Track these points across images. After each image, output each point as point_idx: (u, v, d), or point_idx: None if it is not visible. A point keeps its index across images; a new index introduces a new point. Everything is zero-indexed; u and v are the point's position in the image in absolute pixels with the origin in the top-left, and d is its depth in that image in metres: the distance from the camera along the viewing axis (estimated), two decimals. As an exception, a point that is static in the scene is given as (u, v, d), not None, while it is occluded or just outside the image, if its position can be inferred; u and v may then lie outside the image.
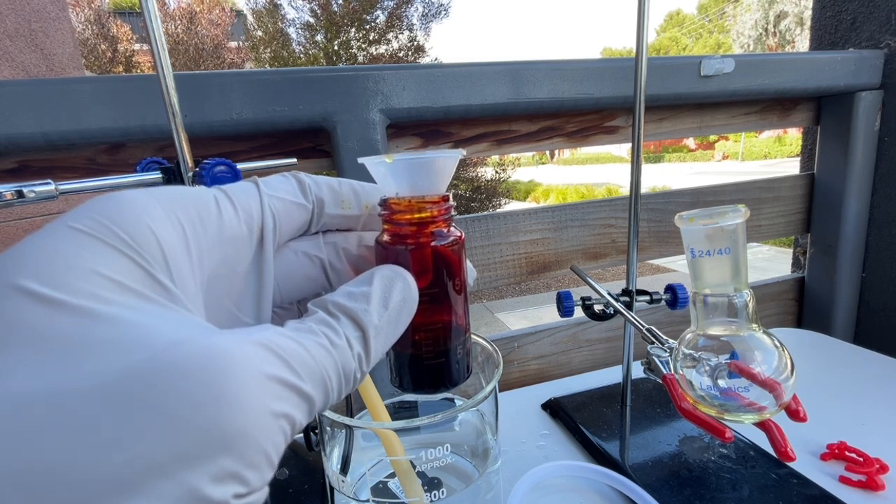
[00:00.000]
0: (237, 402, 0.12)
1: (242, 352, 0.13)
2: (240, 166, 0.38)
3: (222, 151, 0.56)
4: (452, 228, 0.20)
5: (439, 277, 0.19)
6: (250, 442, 0.12)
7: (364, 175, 0.21)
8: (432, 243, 0.19)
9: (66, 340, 0.11)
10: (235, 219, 0.17)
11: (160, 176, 0.37)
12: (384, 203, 0.20)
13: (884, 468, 0.43)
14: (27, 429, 0.10)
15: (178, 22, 5.65)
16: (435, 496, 0.29)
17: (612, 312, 0.48)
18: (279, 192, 0.19)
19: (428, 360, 0.20)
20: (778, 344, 0.31)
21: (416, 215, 0.19)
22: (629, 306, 0.49)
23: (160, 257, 0.14)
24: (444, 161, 0.19)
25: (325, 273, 0.20)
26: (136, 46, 5.57)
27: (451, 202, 0.20)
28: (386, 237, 0.20)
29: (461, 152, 0.19)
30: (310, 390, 0.14)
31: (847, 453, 0.45)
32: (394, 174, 0.19)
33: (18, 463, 0.10)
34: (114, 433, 0.10)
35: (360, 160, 0.19)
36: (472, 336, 0.29)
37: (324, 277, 0.20)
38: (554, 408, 0.56)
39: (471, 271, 0.21)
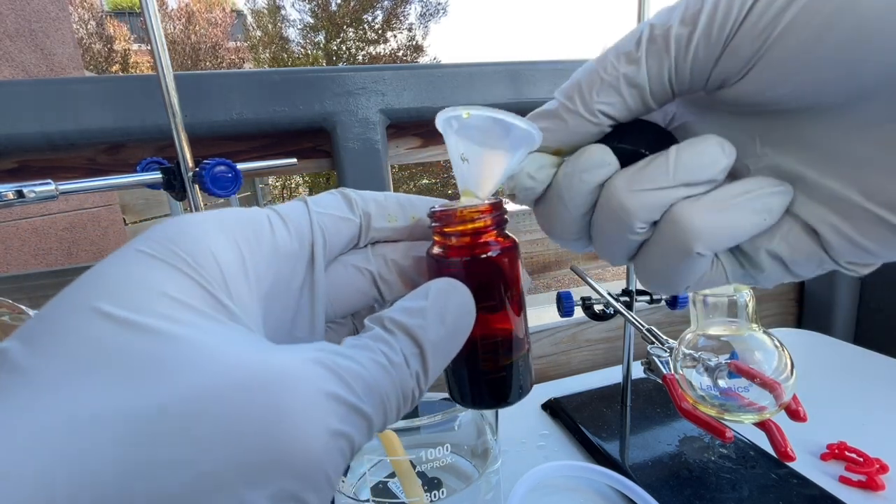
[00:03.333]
0: (298, 422, 0.12)
1: (303, 370, 0.13)
2: (240, 166, 0.38)
3: (222, 151, 0.56)
4: (505, 236, 0.19)
5: (495, 288, 0.19)
6: (311, 462, 0.12)
7: (363, 175, 0.21)
8: (486, 254, 0.18)
9: (138, 360, 0.12)
10: (288, 236, 0.17)
11: (160, 176, 0.37)
12: (433, 214, 0.19)
13: (884, 468, 0.43)
14: (103, 444, 0.10)
15: (177, 22, 5.65)
16: (435, 496, 0.29)
17: (612, 312, 0.48)
18: (327, 208, 0.19)
19: (489, 375, 0.20)
20: (778, 344, 0.31)
21: (468, 226, 0.18)
22: (629, 306, 0.49)
23: (220, 277, 0.14)
24: (521, 131, 0.18)
25: (376, 285, 0.20)
26: (135, 46, 5.56)
27: (504, 208, 0.19)
28: (437, 249, 0.19)
29: (537, 136, 0.18)
30: (369, 410, 0.14)
31: (847, 453, 0.45)
32: (466, 131, 0.18)
33: (94, 476, 0.10)
34: (183, 451, 0.11)
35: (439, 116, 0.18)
36: None
37: (375, 290, 0.20)
38: (554, 408, 0.56)
39: (525, 279, 0.21)
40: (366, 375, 0.14)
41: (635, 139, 0.18)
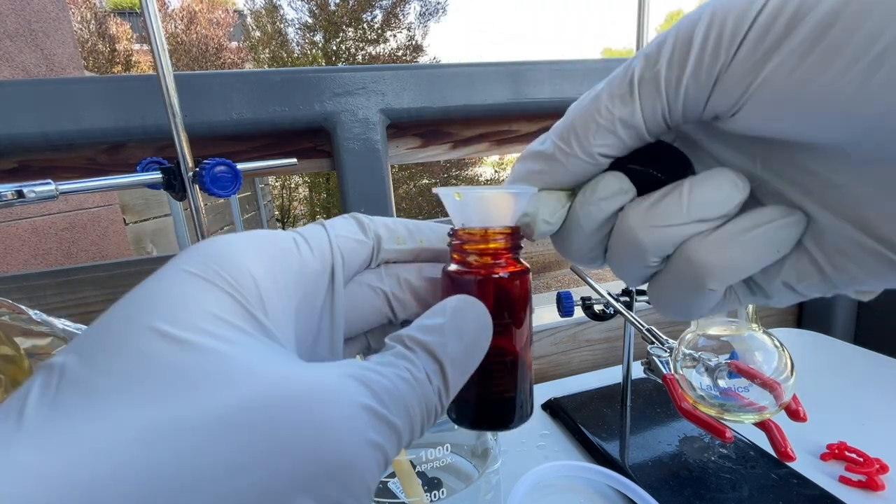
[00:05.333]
0: (340, 433, 0.13)
1: (339, 385, 0.13)
2: (240, 166, 0.38)
3: (222, 151, 0.56)
4: (520, 260, 0.20)
5: (508, 309, 0.19)
6: (352, 471, 0.13)
7: (363, 175, 0.21)
8: (503, 274, 0.19)
9: (192, 374, 0.12)
10: (312, 257, 0.18)
11: (160, 176, 0.37)
12: (453, 233, 0.20)
13: (884, 468, 0.43)
14: (158, 454, 0.11)
15: (179, 22, 5.65)
16: (435, 496, 0.29)
17: (612, 312, 0.48)
18: (343, 231, 0.20)
19: (494, 396, 0.20)
20: (778, 344, 0.31)
21: (487, 245, 0.19)
22: (629, 306, 0.49)
23: (257, 296, 0.15)
24: (511, 197, 0.19)
25: (389, 304, 0.21)
26: (136, 46, 5.56)
27: (520, 234, 0.20)
28: (455, 267, 0.20)
29: (532, 190, 0.19)
30: (399, 423, 0.14)
31: (847, 453, 0.45)
32: (462, 209, 0.19)
33: (157, 483, 0.11)
34: (236, 459, 0.11)
35: (435, 191, 0.20)
36: None
37: (388, 308, 0.21)
38: (554, 408, 0.56)
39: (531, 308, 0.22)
40: (394, 390, 0.14)
41: (647, 160, 0.18)
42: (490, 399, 0.20)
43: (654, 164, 0.18)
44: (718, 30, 0.14)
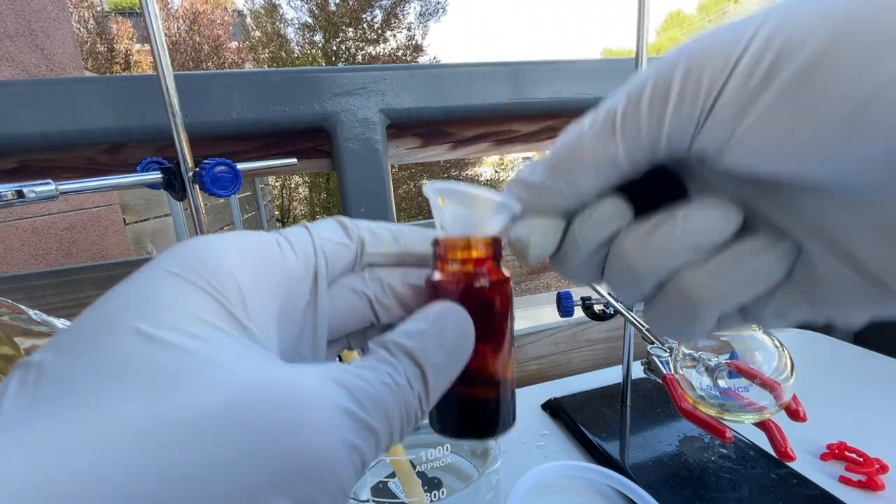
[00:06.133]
0: (318, 434, 0.13)
1: (319, 386, 0.14)
2: (240, 166, 0.38)
3: (222, 151, 0.56)
4: (502, 269, 0.21)
5: (489, 317, 0.20)
6: (328, 472, 0.13)
7: (363, 175, 0.21)
8: (485, 282, 0.19)
9: (171, 373, 0.12)
10: (295, 259, 0.18)
11: (160, 176, 0.37)
12: (437, 242, 0.20)
13: (884, 468, 0.43)
14: (136, 452, 0.11)
15: (181, 22, 5.65)
16: (435, 496, 0.29)
17: (612, 312, 0.48)
18: (327, 234, 0.20)
19: (476, 404, 0.20)
20: (778, 344, 0.31)
21: (469, 254, 0.20)
22: (629, 306, 0.49)
23: (239, 297, 0.15)
24: (493, 203, 0.19)
25: (372, 307, 0.21)
26: (137, 46, 5.56)
27: (502, 243, 0.20)
28: (438, 275, 0.20)
29: (515, 206, 0.19)
30: (377, 426, 0.14)
31: (847, 453, 0.45)
32: (443, 212, 0.20)
33: (133, 479, 0.11)
34: (212, 459, 0.12)
35: (424, 183, 0.20)
36: None
37: (371, 312, 0.21)
38: (554, 408, 0.56)
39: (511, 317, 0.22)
40: (374, 394, 0.15)
41: (641, 182, 0.18)
42: (472, 407, 0.20)
43: (648, 187, 0.18)
44: (696, 79, 0.14)
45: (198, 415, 0.12)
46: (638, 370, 0.48)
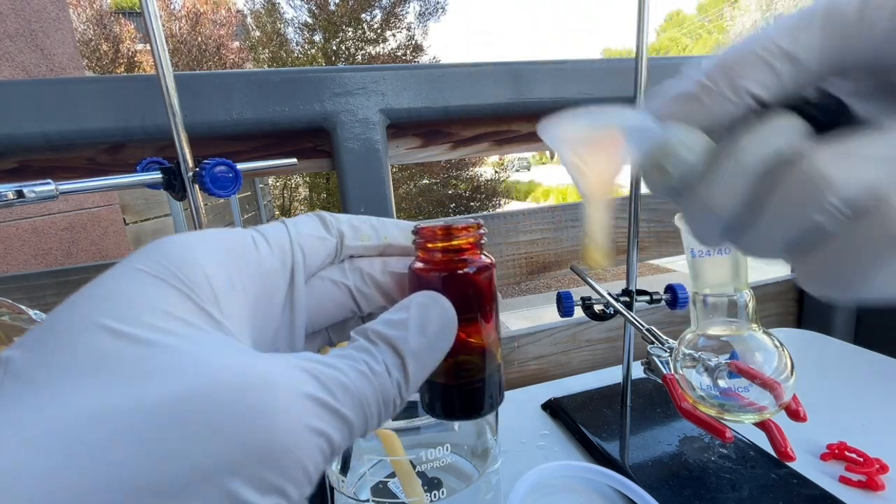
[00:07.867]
0: (278, 419, 0.13)
1: (282, 373, 0.14)
2: (240, 166, 0.38)
3: (222, 151, 0.56)
4: (484, 255, 0.21)
5: (472, 304, 0.20)
6: (289, 455, 0.13)
7: (363, 175, 0.21)
8: (466, 269, 0.20)
9: (134, 366, 0.13)
10: (270, 254, 0.19)
11: (160, 176, 0.37)
12: (417, 231, 0.20)
13: (884, 468, 0.43)
14: (102, 441, 0.11)
15: (183, 22, 5.65)
16: (435, 496, 0.29)
17: (612, 312, 0.48)
18: (305, 228, 0.20)
19: (461, 387, 0.20)
20: (778, 344, 0.31)
21: (450, 241, 0.20)
22: (629, 306, 0.49)
23: (210, 293, 0.15)
24: (627, 125, 0.16)
25: (353, 298, 0.21)
26: (139, 46, 5.55)
27: (484, 230, 0.20)
28: (419, 264, 0.20)
29: (655, 127, 0.16)
30: (347, 412, 0.15)
31: (847, 453, 0.45)
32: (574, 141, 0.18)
33: (94, 470, 0.11)
34: (174, 445, 0.12)
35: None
36: None
37: (352, 302, 0.22)
38: (554, 408, 0.56)
39: (497, 299, 0.22)
40: (346, 381, 0.15)
41: (812, 105, 0.16)
42: (459, 390, 0.21)
43: (819, 110, 0.16)
44: None
45: (156, 402, 0.12)
46: (638, 370, 0.48)
